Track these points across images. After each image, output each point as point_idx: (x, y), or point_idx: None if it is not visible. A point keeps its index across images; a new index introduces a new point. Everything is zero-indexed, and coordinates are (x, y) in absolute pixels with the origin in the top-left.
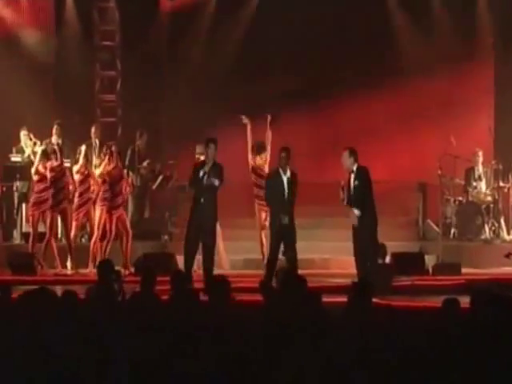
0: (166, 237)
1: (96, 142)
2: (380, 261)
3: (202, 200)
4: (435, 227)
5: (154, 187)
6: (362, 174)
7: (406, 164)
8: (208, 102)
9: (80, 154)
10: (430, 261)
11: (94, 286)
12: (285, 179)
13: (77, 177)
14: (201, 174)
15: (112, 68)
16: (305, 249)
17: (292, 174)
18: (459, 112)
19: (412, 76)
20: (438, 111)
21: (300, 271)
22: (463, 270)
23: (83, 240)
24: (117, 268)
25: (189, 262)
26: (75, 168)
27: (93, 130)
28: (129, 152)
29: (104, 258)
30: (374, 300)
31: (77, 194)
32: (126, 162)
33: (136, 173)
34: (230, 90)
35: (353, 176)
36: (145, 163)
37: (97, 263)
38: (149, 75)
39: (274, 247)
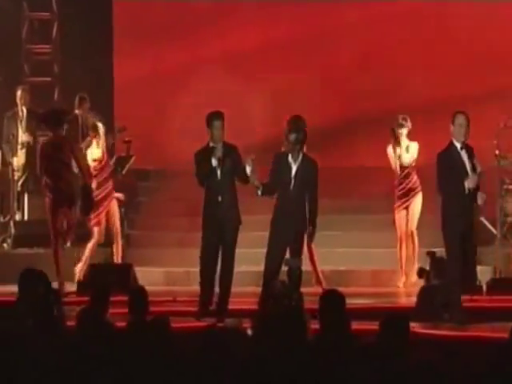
0: (122, 241)
1: (23, 110)
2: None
3: (220, 198)
4: (491, 228)
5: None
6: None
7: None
8: (177, 51)
9: (98, 133)
10: (483, 274)
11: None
12: (294, 167)
13: (94, 165)
14: (213, 162)
15: (45, 8)
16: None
17: (306, 159)
18: None
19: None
20: (493, 66)
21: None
22: None
23: None
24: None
25: (206, 287)
26: (95, 152)
27: (18, 94)
28: (65, 125)
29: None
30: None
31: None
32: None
33: None
34: (207, 36)
35: (464, 151)
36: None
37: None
38: (95, 18)
39: (276, 255)
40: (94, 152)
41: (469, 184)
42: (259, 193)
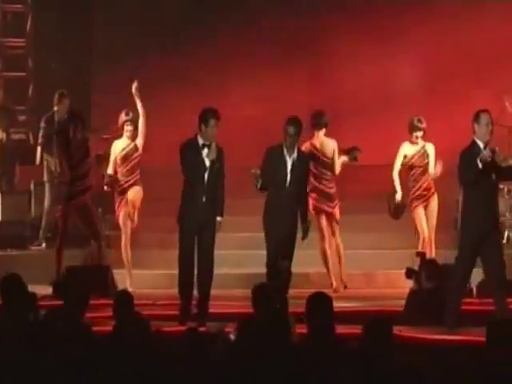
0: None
1: None
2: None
3: (204, 199)
4: None
5: None
6: None
7: (439, 138)
8: (157, 50)
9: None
10: (474, 276)
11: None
12: (289, 162)
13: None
14: (206, 162)
15: (19, 0)
16: (298, 260)
17: (301, 154)
18: None
19: (445, 15)
20: (485, 63)
21: (292, 291)
22: None
23: None
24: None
25: (188, 290)
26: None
27: None
28: (43, 124)
29: None
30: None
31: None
32: (40, 139)
33: (55, 153)
34: (189, 26)
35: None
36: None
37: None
38: (72, 10)
39: (272, 255)
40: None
41: (481, 158)
42: (258, 186)
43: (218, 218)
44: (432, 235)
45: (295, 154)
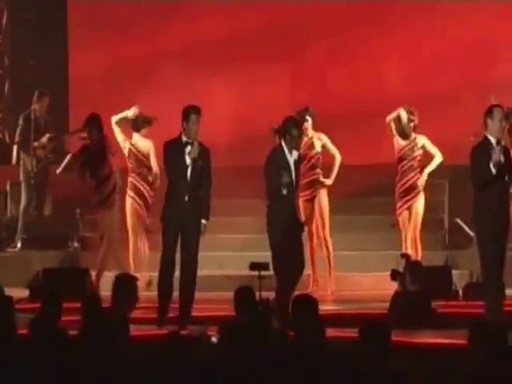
0: (76, 244)
1: None
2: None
3: (187, 198)
4: (468, 230)
5: (59, 172)
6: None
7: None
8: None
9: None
10: (459, 278)
11: None
12: (291, 162)
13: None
14: (187, 161)
15: None
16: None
17: (299, 157)
18: (505, 59)
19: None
20: (472, 58)
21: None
22: (508, 292)
23: None
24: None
25: (165, 289)
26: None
27: None
28: (21, 121)
29: None
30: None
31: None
32: (17, 137)
33: (31, 152)
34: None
35: (499, 148)
36: (44, 138)
37: None
38: (47, 7)
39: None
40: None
41: (494, 157)
42: (285, 192)
43: (203, 221)
44: (417, 235)
45: (296, 156)
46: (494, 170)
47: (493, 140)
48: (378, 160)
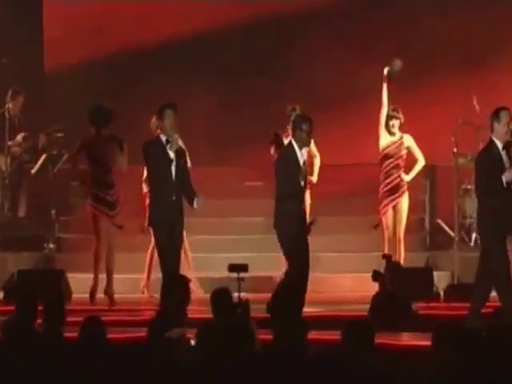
0: (52, 245)
1: None
2: None
3: (174, 197)
4: (448, 230)
5: (34, 172)
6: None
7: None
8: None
9: None
10: (440, 280)
11: None
12: (301, 159)
13: None
14: (170, 155)
15: None
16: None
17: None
18: (486, 63)
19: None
20: (455, 61)
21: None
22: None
23: None
24: None
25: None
26: None
27: None
28: None
29: None
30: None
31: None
32: None
33: (6, 151)
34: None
35: (505, 152)
36: (19, 137)
37: None
38: (22, 3)
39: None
40: None
41: (507, 177)
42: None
43: (196, 199)
44: (401, 236)
45: (304, 150)
46: (504, 183)
47: (499, 144)
48: (358, 160)
